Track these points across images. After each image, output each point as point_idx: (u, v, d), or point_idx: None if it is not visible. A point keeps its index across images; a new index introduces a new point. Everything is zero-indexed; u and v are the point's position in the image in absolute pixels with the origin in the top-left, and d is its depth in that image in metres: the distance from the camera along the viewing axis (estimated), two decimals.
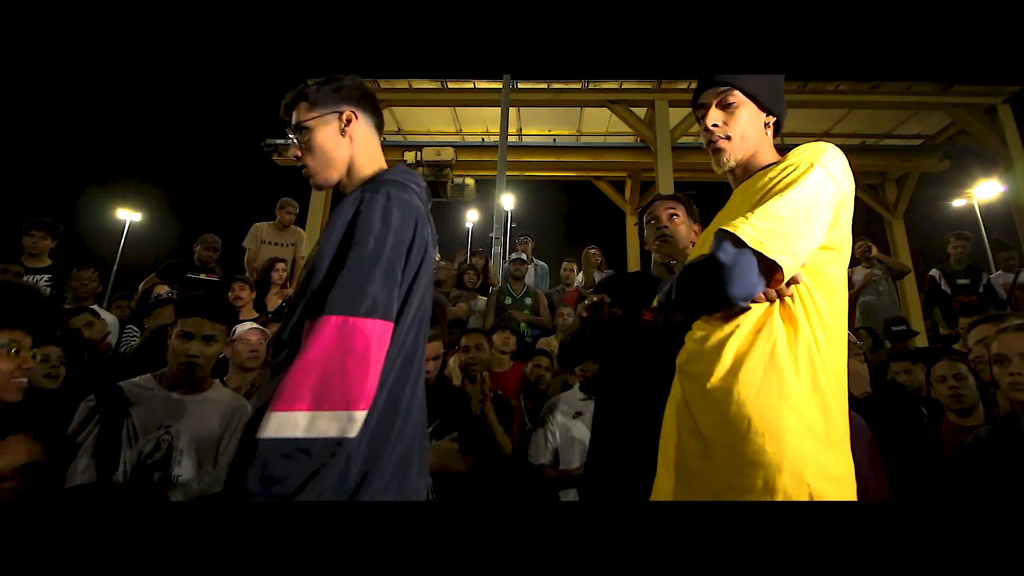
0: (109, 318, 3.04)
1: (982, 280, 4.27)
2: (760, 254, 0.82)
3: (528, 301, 4.08)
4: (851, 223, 0.94)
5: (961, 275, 4.32)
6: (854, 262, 4.35)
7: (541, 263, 5.23)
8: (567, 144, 7.34)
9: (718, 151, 1.05)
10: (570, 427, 2.23)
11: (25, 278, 3.27)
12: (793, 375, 0.82)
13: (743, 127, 1.04)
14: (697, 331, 0.94)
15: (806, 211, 0.85)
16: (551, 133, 7.50)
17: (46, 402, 1.70)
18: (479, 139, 7.37)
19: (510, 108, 5.78)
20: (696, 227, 1.62)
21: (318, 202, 6.10)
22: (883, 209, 7.22)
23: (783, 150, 1.04)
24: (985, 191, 8.81)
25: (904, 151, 6.83)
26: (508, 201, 10.18)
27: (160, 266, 3.94)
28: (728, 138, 1.04)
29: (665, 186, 5.75)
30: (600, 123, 7.10)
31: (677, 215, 1.58)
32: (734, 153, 1.04)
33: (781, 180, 0.90)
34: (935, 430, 2.00)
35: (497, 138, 5.59)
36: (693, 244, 1.59)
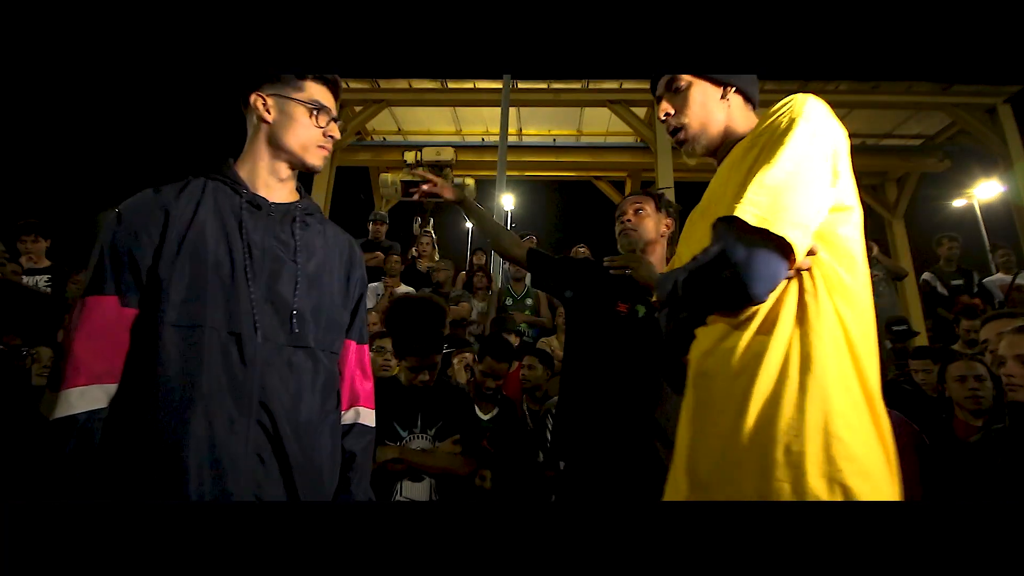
0: None
1: (974, 281, 4.29)
2: (775, 237, 0.72)
3: (529, 302, 4.08)
4: (854, 178, 0.83)
5: (954, 276, 4.33)
6: None
7: None
8: (567, 144, 7.33)
9: (681, 143, 0.99)
10: None
11: (24, 279, 3.27)
12: (820, 361, 0.73)
13: (697, 109, 0.96)
14: (708, 323, 0.86)
15: (801, 173, 0.75)
16: (551, 133, 7.48)
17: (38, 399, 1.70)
18: (479, 139, 7.36)
19: (510, 108, 5.78)
20: (667, 220, 1.62)
21: (319, 200, 6.09)
22: (883, 209, 7.21)
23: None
24: (985, 191, 8.80)
25: (904, 151, 6.83)
26: (508, 201, 10.18)
27: None
28: (683, 127, 0.97)
29: (665, 186, 5.75)
30: (600, 123, 7.09)
31: (643, 209, 1.58)
32: (697, 139, 0.97)
33: (766, 146, 0.79)
34: (947, 430, 1.99)
35: (497, 138, 5.59)
36: (663, 236, 1.61)
